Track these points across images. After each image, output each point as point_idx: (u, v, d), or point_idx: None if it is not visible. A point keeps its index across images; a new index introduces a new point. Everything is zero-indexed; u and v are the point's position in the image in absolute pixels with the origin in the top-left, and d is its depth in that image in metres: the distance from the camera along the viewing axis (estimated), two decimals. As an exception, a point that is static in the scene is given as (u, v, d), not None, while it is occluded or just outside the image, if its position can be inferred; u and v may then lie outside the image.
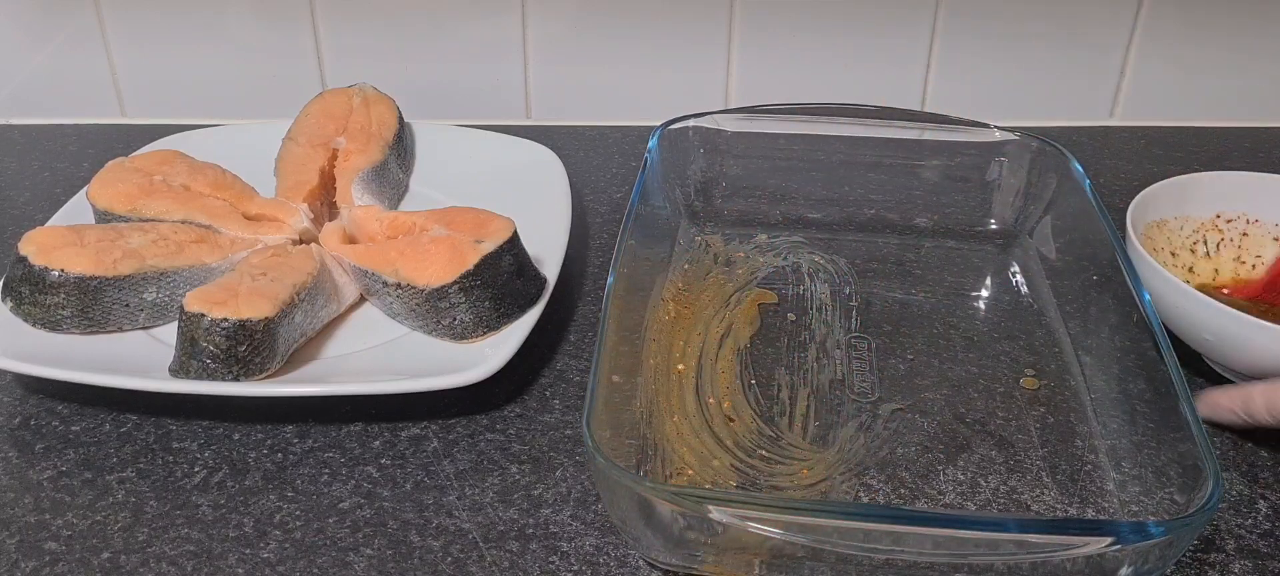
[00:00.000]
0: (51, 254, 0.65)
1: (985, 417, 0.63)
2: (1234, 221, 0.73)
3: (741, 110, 0.83)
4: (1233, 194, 0.73)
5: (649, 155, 0.74)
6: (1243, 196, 0.73)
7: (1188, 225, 0.73)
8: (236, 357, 0.61)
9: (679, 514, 0.50)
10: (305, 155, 0.80)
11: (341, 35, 0.95)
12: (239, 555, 0.55)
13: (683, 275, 0.74)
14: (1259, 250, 0.73)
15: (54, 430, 0.63)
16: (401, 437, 0.62)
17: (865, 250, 0.77)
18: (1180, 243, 0.72)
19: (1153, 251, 0.69)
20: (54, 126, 0.97)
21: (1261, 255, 0.73)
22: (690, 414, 0.62)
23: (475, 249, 0.65)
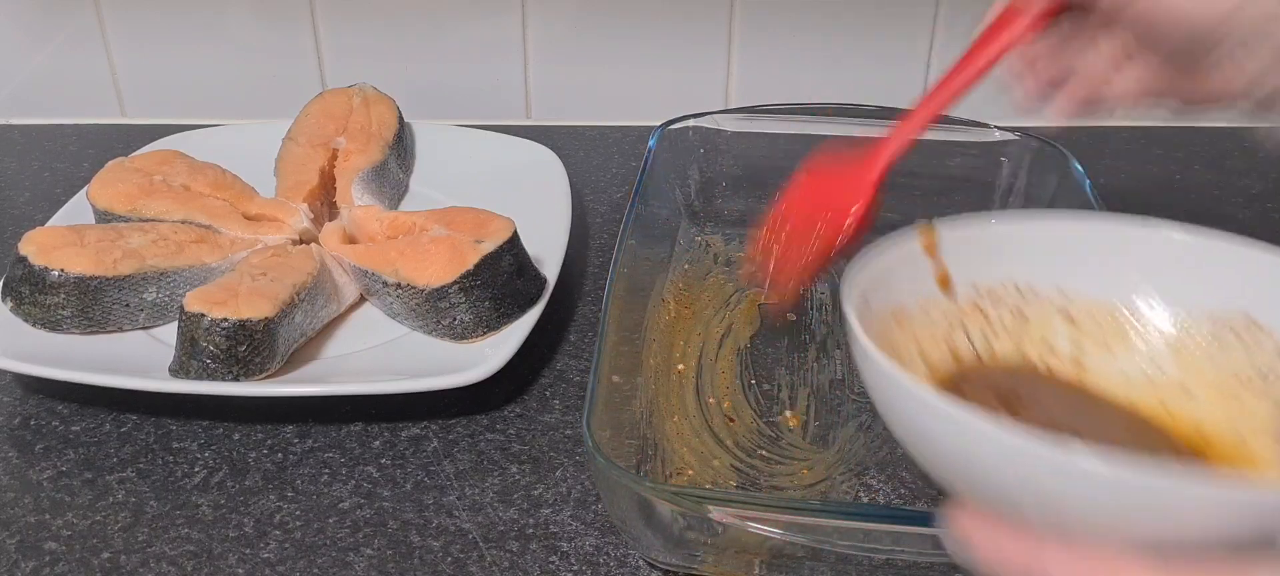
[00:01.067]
0: (51, 254, 0.65)
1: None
2: (998, 294, 0.48)
3: (741, 110, 0.84)
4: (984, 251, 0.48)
5: (649, 155, 0.74)
6: (1000, 251, 0.48)
7: (935, 313, 0.47)
8: (236, 357, 0.61)
9: (679, 514, 0.50)
10: (305, 155, 0.80)
11: (341, 35, 0.95)
12: (239, 555, 0.55)
13: (683, 275, 0.74)
14: (1047, 337, 0.48)
15: (54, 430, 0.63)
16: (401, 437, 0.62)
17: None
18: (929, 341, 0.47)
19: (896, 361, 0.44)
20: (54, 126, 0.97)
21: (1054, 346, 0.48)
22: (690, 414, 0.62)
23: (475, 249, 0.65)
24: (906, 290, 0.46)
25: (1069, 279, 0.48)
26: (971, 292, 0.48)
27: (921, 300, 0.47)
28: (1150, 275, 0.47)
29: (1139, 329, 0.47)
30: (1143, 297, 0.47)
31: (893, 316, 0.45)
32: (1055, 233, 0.48)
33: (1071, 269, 0.48)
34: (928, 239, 0.47)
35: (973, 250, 0.47)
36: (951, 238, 0.47)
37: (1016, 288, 0.48)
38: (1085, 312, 0.48)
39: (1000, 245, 0.48)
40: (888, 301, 0.45)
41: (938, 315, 0.47)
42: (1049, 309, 0.48)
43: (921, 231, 0.46)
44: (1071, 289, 0.48)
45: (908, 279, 0.46)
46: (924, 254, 0.47)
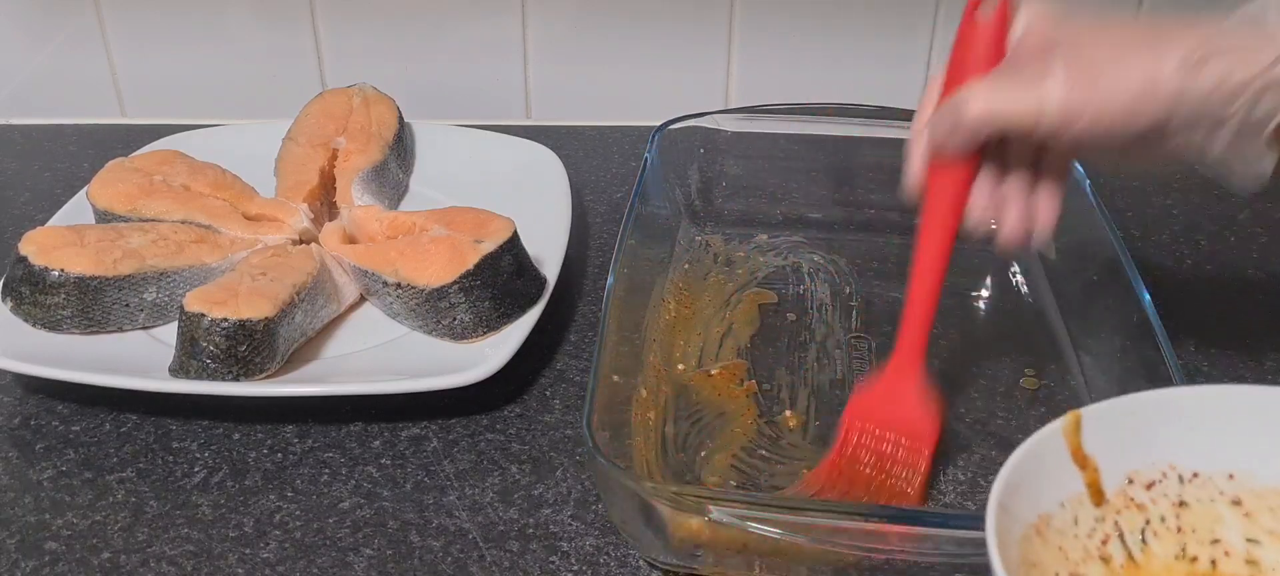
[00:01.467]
0: (51, 254, 0.65)
1: (985, 418, 0.63)
2: (1157, 486, 0.43)
3: (741, 110, 0.84)
4: (1137, 434, 0.43)
5: (649, 155, 0.74)
6: (1156, 432, 0.43)
7: (1084, 516, 0.42)
8: (236, 357, 0.61)
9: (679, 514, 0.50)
10: (305, 155, 0.79)
11: (341, 35, 0.95)
12: (239, 555, 0.55)
13: (683, 275, 0.74)
14: (1213, 529, 0.43)
15: (54, 430, 0.63)
16: (401, 437, 0.62)
17: (865, 250, 0.77)
18: (1079, 552, 0.42)
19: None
20: (54, 126, 0.97)
21: (1220, 539, 0.43)
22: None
23: (475, 249, 0.65)
24: (1049, 494, 0.41)
25: (1239, 460, 0.42)
26: (1124, 485, 0.42)
27: (1067, 501, 0.41)
28: None
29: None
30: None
31: (1036, 529, 0.40)
32: (1222, 406, 0.43)
33: (1241, 448, 0.42)
34: (1072, 430, 0.42)
35: (1124, 435, 0.42)
36: (1098, 423, 0.42)
37: (1178, 474, 0.43)
38: (1259, 500, 0.42)
39: (1155, 425, 0.43)
40: (1030, 510, 0.40)
41: (1086, 517, 0.42)
42: (1216, 496, 0.43)
43: (1065, 423, 0.41)
44: (1243, 472, 0.42)
45: (1051, 480, 0.41)
46: (1068, 449, 0.42)
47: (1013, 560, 0.37)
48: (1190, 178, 0.89)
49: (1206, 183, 0.88)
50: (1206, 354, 0.68)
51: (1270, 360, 0.68)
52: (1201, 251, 0.80)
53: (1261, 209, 0.84)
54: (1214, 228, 0.82)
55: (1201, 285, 0.76)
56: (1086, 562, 0.41)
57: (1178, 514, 0.43)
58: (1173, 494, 0.43)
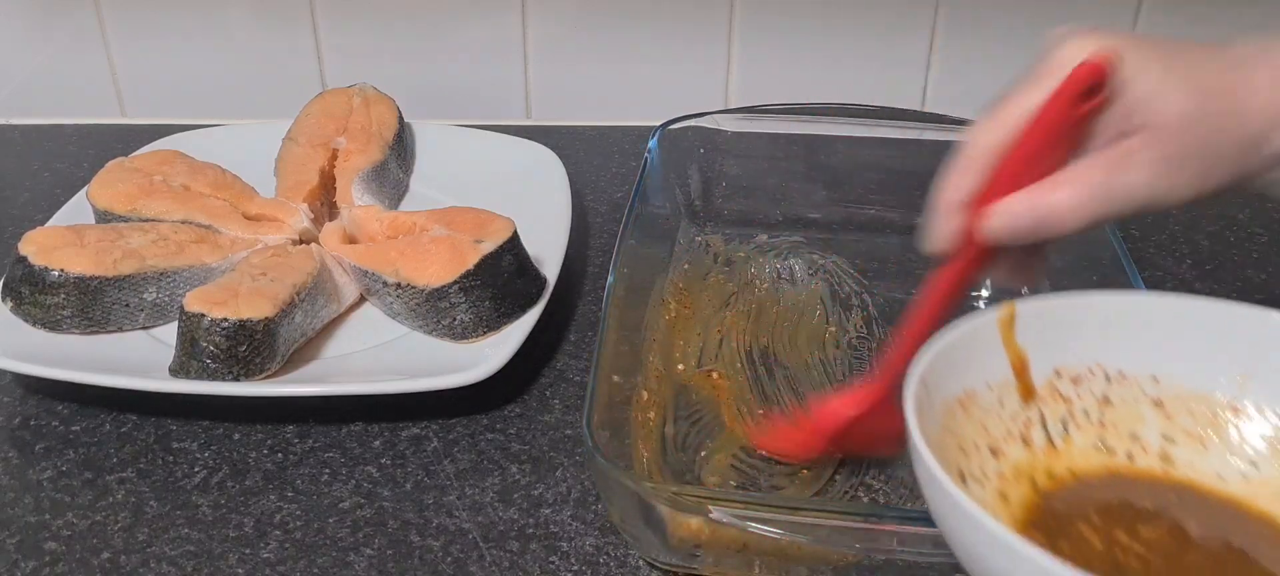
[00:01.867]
0: (51, 254, 0.65)
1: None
2: (1083, 382, 0.45)
3: (741, 110, 0.84)
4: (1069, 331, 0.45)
5: (649, 155, 0.74)
6: (1086, 332, 0.45)
7: (1009, 400, 0.44)
8: (236, 357, 0.61)
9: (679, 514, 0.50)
10: (305, 155, 0.79)
11: (341, 35, 0.95)
12: (239, 555, 0.55)
13: (683, 275, 0.74)
14: (1134, 427, 0.45)
15: (54, 430, 0.63)
16: (401, 437, 0.62)
17: (865, 250, 0.77)
18: (1001, 431, 0.44)
19: (959, 453, 0.42)
20: (54, 126, 0.97)
21: (1139, 436, 0.45)
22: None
23: (475, 249, 0.65)
24: (977, 374, 0.43)
25: (1164, 365, 0.44)
26: (1051, 377, 0.44)
27: (994, 385, 0.44)
28: (1257, 365, 0.43)
29: (1239, 425, 0.44)
30: (1246, 391, 0.44)
31: (960, 403, 0.42)
32: (1150, 312, 0.45)
33: (1167, 354, 0.44)
34: (1006, 320, 0.44)
35: (1056, 333, 0.44)
36: (1032, 317, 0.44)
37: (1104, 372, 0.45)
38: (1180, 403, 0.44)
39: (1087, 326, 0.45)
40: (956, 386, 0.42)
41: (1011, 402, 0.44)
42: (1139, 396, 0.45)
43: (1000, 313, 0.43)
44: (1166, 376, 0.44)
45: (980, 362, 0.43)
46: (1000, 336, 0.44)
47: (933, 424, 0.40)
48: (1190, 178, 0.89)
49: (1206, 183, 0.89)
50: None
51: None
52: (1201, 251, 0.80)
53: (1261, 209, 0.84)
54: (1214, 228, 0.82)
55: (1201, 285, 0.76)
56: (1007, 441, 0.43)
57: (1101, 410, 0.45)
58: (1098, 391, 0.45)
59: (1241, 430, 0.44)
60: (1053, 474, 0.43)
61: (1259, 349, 0.43)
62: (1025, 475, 0.43)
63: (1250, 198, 0.86)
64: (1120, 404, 0.45)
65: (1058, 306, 0.44)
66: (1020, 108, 0.46)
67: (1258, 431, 0.44)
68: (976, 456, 0.42)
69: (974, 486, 0.41)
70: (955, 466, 0.40)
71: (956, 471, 0.40)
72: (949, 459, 0.40)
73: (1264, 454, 0.43)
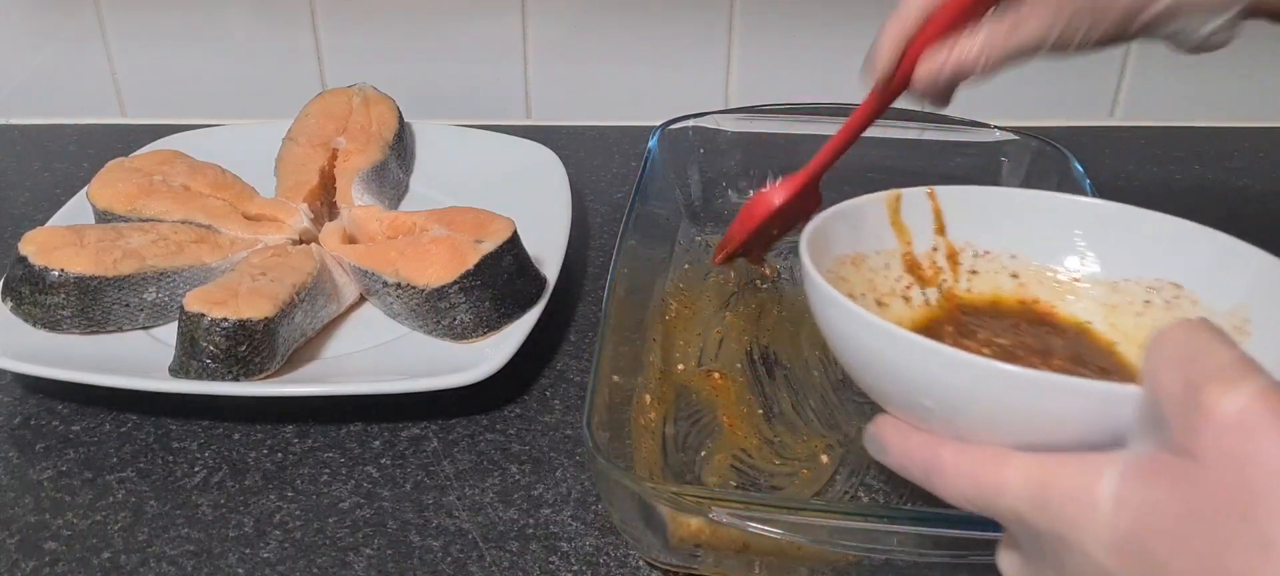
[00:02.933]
0: (51, 254, 0.65)
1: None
2: (960, 251, 0.55)
3: (741, 110, 0.83)
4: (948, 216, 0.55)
5: (649, 155, 0.74)
6: (962, 217, 0.55)
7: (894, 265, 0.54)
8: (236, 357, 0.61)
9: (679, 514, 0.50)
10: (305, 155, 0.80)
11: (341, 35, 0.95)
12: (239, 555, 0.55)
13: (683, 275, 0.74)
14: (995, 292, 0.54)
15: (54, 430, 0.63)
16: (401, 437, 0.62)
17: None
18: (887, 287, 0.53)
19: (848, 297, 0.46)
20: (54, 126, 0.97)
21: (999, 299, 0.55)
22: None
23: (475, 249, 0.65)
24: (868, 241, 0.53)
25: (1022, 244, 0.54)
26: (929, 250, 0.55)
27: (882, 252, 0.54)
28: (1092, 244, 0.53)
29: (1078, 289, 0.53)
30: (1087, 264, 0.53)
31: (851, 260, 0.52)
32: (1013, 203, 0.55)
33: (1026, 235, 0.54)
34: (893, 204, 0.54)
35: (933, 212, 0.54)
36: (913, 203, 0.54)
37: (974, 250, 0.55)
38: (1032, 274, 0.54)
39: (962, 211, 0.54)
40: (847, 245, 0.52)
41: (896, 267, 0.54)
42: (999, 268, 0.54)
43: (887, 197, 0.54)
44: (1023, 253, 0.54)
45: (869, 231, 0.53)
46: (888, 215, 0.54)
47: (825, 267, 0.49)
48: (1190, 178, 0.89)
49: (1206, 183, 0.89)
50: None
51: (1270, 360, 0.68)
52: (1201, 251, 0.79)
53: (1261, 209, 0.84)
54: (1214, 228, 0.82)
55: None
56: (891, 298, 0.53)
57: (969, 278, 0.55)
58: (968, 263, 0.55)
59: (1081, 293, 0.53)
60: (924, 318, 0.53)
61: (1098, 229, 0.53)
62: (903, 324, 0.51)
63: (1251, 198, 0.86)
64: (985, 273, 0.55)
65: (936, 191, 0.54)
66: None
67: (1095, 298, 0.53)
68: (863, 304, 0.49)
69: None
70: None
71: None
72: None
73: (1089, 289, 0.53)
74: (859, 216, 0.53)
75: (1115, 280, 0.52)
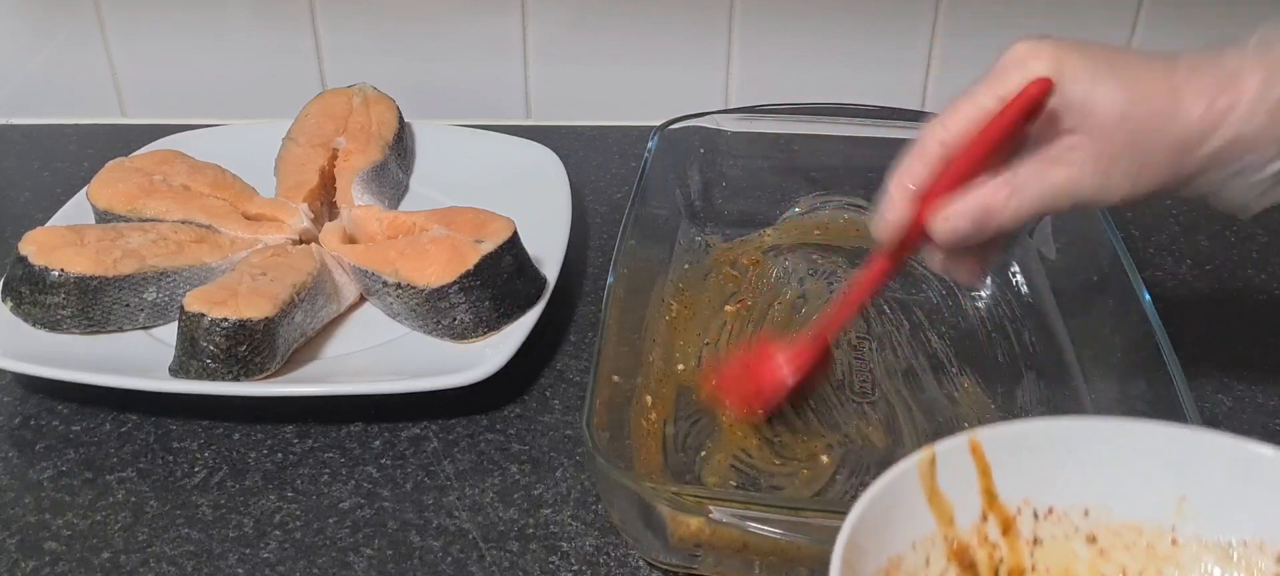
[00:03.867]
0: (51, 254, 0.65)
1: (985, 417, 0.63)
2: (1016, 515, 0.42)
3: (741, 110, 0.84)
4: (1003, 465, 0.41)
5: (649, 155, 0.74)
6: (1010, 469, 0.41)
7: (935, 556, 0.41)
8: (236, 357, 0.61)
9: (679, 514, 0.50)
10: (305, 155, 0.79)
11: (341, 35, 0.95)
12: (239, 555, 0.55)
13: (683, 275, 0.74)
14: (1068, 566, 0.42)
15: (54, 430, 0.63)
16: (401, 437, 0.62)
17: (865, 250, 0.77)
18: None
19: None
20: (54, 126, 0.97)
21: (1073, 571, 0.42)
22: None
23: (475, 249, 0.65)
24: (901, 533, 0.40)
25: (1094, 495, 0.42)
26: (978, 522, 0.41)
27: (919, 543, 0.40)
28: (1195, 492, 0.41)
29: (1182, 559, 0.41)
30: (1185, 520, 0.41)
31: (885, 571, 0.39)
32: (1075, 438, 0.42)
33: (1096, 482, 0.41)
34: (927, 470, 0.40)
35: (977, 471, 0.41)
36: (952, 461, 0.40)
37: (1033, 510, 0.42)
38: (1114, 537, 0.41)
39: (1010, 460, 0.41)
40: (880, 554, 0.39)
41: (938, 558, 0.40)
42: (1071, 533, 0.42)
43: (920, 461, 0.40)
44: (1097, 507, 0.42)
45: (904, 518, 0.40)
46: (923, 488, 0.40)
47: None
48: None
49: (1206, 183, 0.89)
50: (1206, 353, 0.68)
51: (1270, 360, 0.68)
52: (1201, 251, 0.80)
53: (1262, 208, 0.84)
54: (1214, 228, 0.82)
55: (1201, 285, 0.76)
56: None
57: (1032, 551, 0.41)
58: (1027, 531, 0.41)
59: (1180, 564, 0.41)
60: None
61: (1193, 469, 0.41)
62: None
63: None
64: (1051, 542, 0.42)
65: (983, 441, 0.41)
66: (974, 108, 0.49)
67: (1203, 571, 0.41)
68: None
69: None
70: None
71: None
72: None
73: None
74: (889, 502, 0.39)
75: (1227, 542, 0.40)
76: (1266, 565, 0.39)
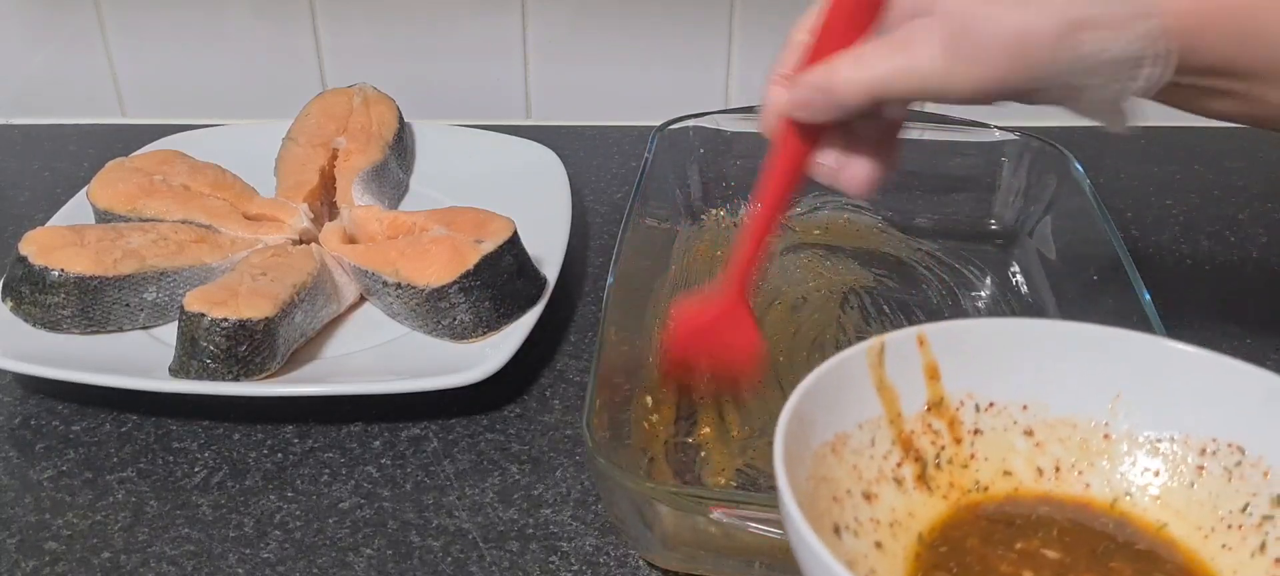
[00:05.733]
0: (51, 254, 0.65)
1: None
2: (958, 407, 0.44)
3: (741, 110, 0.83)
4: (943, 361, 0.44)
5: (649, 155, 0.74)
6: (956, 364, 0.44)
7: (881, 438, 0.43)
8: (236, 357, 0.61)
9: (679, 514, 0.50)
10: (305, 155, 0.79)
11: (341, 35, 0.95)
12: (239, 555, 0.55)
13: (683, 275, 0.74)
14: (1005, 457, 0.44)
15: (54, 430, 0.63)
16: (401, 437, 0.62)
17: (865, 250, 0.77)
18: (873, 472, 0.42)
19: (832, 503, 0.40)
20: (54, 126, 0.97)
21: (1012, 470, 0.44)
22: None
23: (475, 249, 0.65)
24: (849, 415, 0.42)
25: (1033, 392, 0.44)
26: (922, 410, 0.43)
27: (865, 424, 0.42)
28: (1128, 389, 0.43)
29: (1114, 452, 0.43)
30: (1117, 417, 0.43)
31: (831, 447, 0.41)
32: (1018, 339, 0.44)
33: (1035, 380, 0.43)
34: (876, 358, 0.42)
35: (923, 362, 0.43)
36: (898, 352, 0.42)
37: (975, 403, 0.44)
38: (1049, 429, 0.44)
39: (955, 355, 0.43)
40: (826, 430, 0.41)
41: (882, 439, 0.42)
42: (1009, 425, 0.44)
43: (869, 348, 0.42)
44: (1036, 403, 0.44)
45: (850, 400, 0.42)
46: (870, 375, 0.42)
47: (803, 474, 0.38)
48: (1190, 178, 0.89)
49: (1206, 182, 0.89)
50: (1206, 354, 0.68)
51: (1271, 360, 0.68)
52: (1201, 251, 0.80)
53: (1261, 209, 0.85)
54: (1214, 228, 0.82)
55: (1201, 285, 0.76)
56: (880, 482, 0.42)
57: (973, 441, 0.43)
58: (969, 422, 0.44)
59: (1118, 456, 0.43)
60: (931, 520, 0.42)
61: (1127, 367, 0.43)
62: (903, 526, 0.41)
63: (1251, 198, 0.86)
64: (991, 433, 0.44)
65: (930, 334, 0.43)
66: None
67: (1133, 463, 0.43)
68: (850, 503, 0.40)
69: (848, 538, 0.39)
70: (830, 519, 0.39)
71: (831, 525, 0.39)
72: (822, 510, 0.39)
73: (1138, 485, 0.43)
74: (838, 382, 0.41)
75: (1155, 438, 0.43)
76: (1192, 459, 0.42)
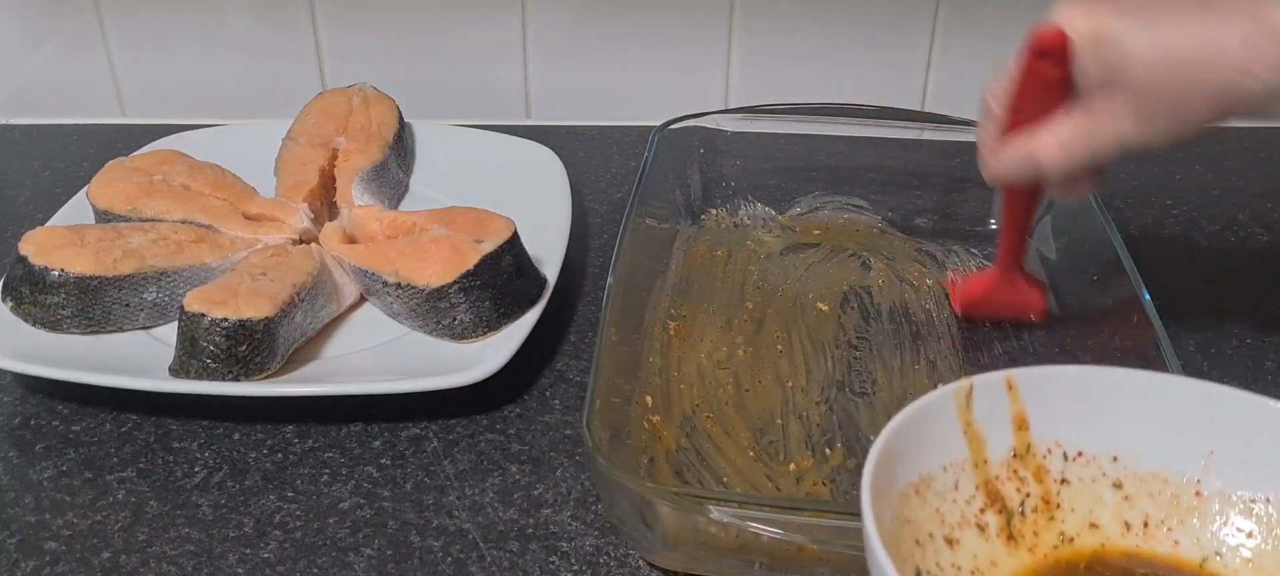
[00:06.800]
0: (51, 254, 0.65)
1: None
2: (1046, 455, 0.44)
3: (741, 110, 0.84)
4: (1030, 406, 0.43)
5: (649, 155, 0.74)
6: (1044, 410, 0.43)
7: (964, 482, 0.42)
8: (236, 357, 0.61)
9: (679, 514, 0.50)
10: (305, 155, 0.79)
11: (341, 35, 0.95)
12: (239, 555, 0.55)
13: (683, 275, 0.74)
14: (1092, 509, 0.43)
15: (54, 430, 0.63)
16: (401, 437, 0.62)
17: (865, 250, 0.77)
18: (956, 516, 0.42)
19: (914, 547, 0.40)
20: (54, 126, 0.97)
21: (1099, 523, 0.43)
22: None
23: (475, 249, 0.65)
24: (933, 457, 0.42)
25: (1124, 443, 0.43)
26: (1008, 457, 0.43)
27: (949, 466, 0.42)
28: (1222, 447, 0.42)
29: (1205, 510, 0.42)
30: (1211, 473, 0.42)
31: (915, 488, 0.41)
32: (1109, 387, 0.43)
33: (1127, 431, 0.43)
34: (964, 400, 0.42)
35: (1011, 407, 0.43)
36: (987, 395, 0.42)
37: (1063, 452, 0.43)
38: (1139, 483, 0.43)
39: (1044, 402, 0.43)
40: (911, 470, 0.41)
41: (966, 484, 0.42)
42: (1098, 477, 0.43)
43: (957, 391, 0.42)
44: (1126, 455, 0.43)
45: (936, 441, 0.42)
46: (958, 417, 0.42)
47: (888, 514, 0.38)
48: (1190, 177, 0.89)
49: (1207, 182, 0.89)
50: (1207, 354, 0.68)
51: (1270, 360, 0.68)
52: (1201, 251, 0.80)
53: (1261, 209, 0.85)
54: (1214, 228, 0.82)
55: (1201, 285, 0.76)
56: (962, 527, 0.42)
57: (1059, 490, 0.43)
58: (1056, 471, 0.43)
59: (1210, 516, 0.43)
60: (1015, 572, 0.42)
61: (1223, 425, 0.42)
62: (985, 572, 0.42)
63: (1251, 198, 0.86)
64: (1078, 485, 0.43)
65: (1019, 380, 0.43)
66: (1012, 65, 0.55)
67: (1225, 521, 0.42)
68: (932, 548, 0.40)
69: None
70: (912, 563, 0.39)
71: (913, 569, 0.39)
72: (905, 553, 0.39)
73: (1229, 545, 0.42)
74: (925, 421, 0.41)
75: (1249, 498, 0.42)
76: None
